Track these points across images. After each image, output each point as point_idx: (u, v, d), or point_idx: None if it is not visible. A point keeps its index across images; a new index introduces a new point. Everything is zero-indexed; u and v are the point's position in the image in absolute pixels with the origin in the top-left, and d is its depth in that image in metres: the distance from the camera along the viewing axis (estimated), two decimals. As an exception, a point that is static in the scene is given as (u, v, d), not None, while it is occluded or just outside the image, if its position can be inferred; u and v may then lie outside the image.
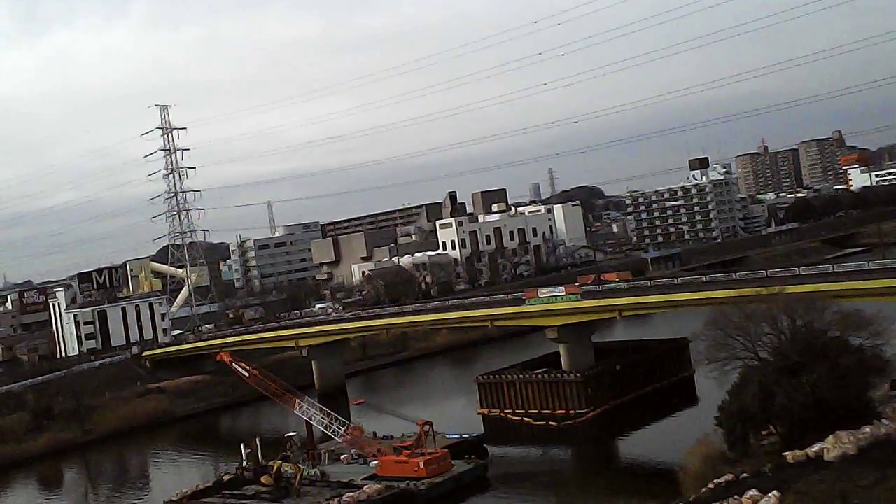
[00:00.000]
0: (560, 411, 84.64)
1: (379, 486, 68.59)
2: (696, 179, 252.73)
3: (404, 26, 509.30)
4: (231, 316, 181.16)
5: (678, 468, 58.64)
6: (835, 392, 53.75)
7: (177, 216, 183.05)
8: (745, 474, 48.09)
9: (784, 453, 50.88)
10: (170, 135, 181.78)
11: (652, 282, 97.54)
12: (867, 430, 48.63)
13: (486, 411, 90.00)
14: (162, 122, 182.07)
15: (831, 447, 48.40)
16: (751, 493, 43.16)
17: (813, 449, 49.22)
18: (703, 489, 48.70)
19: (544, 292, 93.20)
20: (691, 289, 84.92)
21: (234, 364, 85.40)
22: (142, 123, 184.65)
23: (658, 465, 71.95)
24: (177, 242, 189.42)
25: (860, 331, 57.56)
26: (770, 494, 42.27)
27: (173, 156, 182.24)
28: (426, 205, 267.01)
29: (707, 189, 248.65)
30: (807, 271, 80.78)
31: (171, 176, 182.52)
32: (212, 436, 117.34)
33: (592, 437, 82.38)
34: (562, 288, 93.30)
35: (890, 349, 58.61)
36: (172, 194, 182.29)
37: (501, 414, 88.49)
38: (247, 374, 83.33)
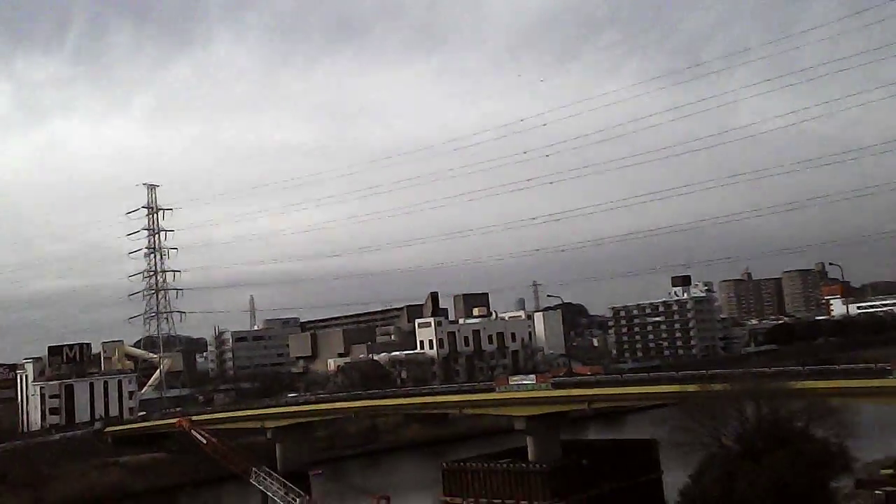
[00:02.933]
0: (524, 502, 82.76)
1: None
2: (677, 296, 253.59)
3: (397, 141, 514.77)
4: (202, 400, 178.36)
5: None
6: (797, 480, 53.10)
7: (154, 295, 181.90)
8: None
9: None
10: (155, 215, 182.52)
11: (624, 375, 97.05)
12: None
13: (448, 499, 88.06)
14: (148, 202, 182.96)
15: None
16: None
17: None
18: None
19: (515, 380, 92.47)
20: (663, 382, 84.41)
21: (192, 431, 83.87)
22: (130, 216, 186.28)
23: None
24: (152, 325, 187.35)
25: (825, 420, 57.24)
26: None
27: (156, 236, 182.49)
28: (407, 306, 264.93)
29: (688, 306, 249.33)
30: (777, 371, 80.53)
31: (152, 255, 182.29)
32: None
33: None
34: (532, 377, 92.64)
35: (854, 444, 58.09)
36: (152, 273, 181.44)
37: (464, 502, 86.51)
38: (204, 441, 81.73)
